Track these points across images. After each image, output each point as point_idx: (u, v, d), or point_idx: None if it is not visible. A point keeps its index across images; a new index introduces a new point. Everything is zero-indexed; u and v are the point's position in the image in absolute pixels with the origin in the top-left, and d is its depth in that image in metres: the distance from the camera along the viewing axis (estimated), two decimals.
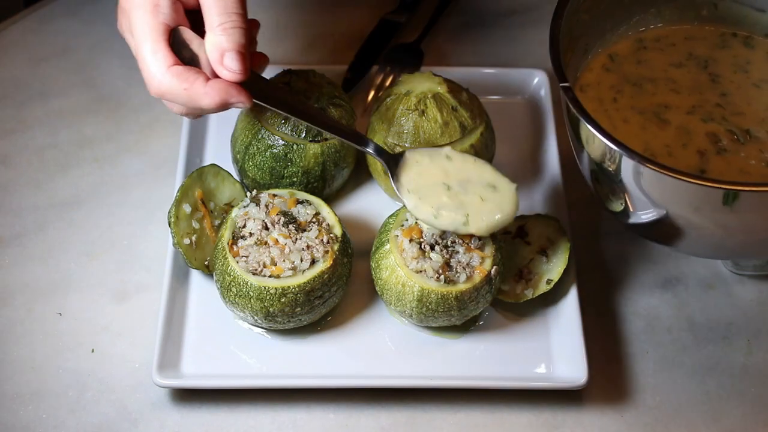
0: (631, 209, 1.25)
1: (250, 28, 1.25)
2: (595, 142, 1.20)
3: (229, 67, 1.22)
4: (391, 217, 1.36)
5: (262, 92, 1.28)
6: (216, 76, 1.23)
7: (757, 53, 1.37)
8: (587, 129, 1.19)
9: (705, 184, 1.14)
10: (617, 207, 1.27)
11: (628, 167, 1.19)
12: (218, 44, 1.22)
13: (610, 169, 1.21)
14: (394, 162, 1.32)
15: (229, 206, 1.41)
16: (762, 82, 1.34)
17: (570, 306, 1.35)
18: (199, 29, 1.25)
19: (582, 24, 1.33)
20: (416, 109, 1.39)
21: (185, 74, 1.22)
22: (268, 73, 1.46)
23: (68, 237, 1.45)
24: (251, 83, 1.25)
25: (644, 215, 1.24)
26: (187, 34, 1.24)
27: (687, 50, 1.37)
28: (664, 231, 1.25)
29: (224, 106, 1.23)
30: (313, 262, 1.31)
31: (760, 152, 1.26)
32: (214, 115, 1.54)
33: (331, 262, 1.31)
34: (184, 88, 1.21)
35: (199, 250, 1.37)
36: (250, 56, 1.26)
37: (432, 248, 1.31)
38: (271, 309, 1.29)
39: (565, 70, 1.23)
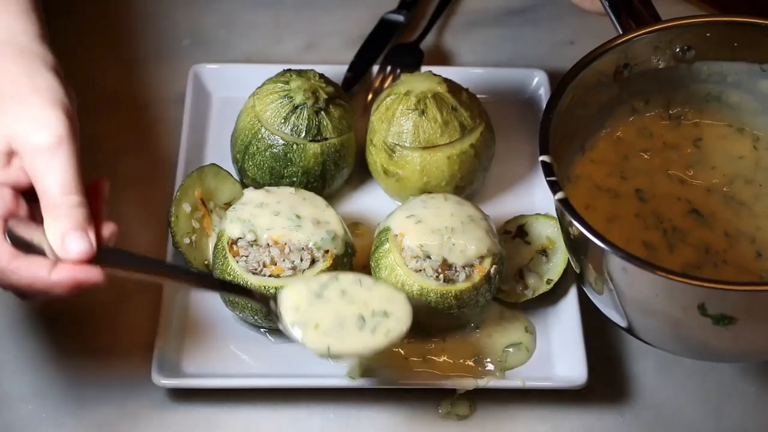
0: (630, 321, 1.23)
1: (96, 197, 1.16)
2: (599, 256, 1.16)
3: (72, 249, 1.11)
4: None
5: (115, 260, 1.16)
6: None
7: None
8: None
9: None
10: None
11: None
12: (59, 229, 1.12)
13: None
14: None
15: (229, 206, 1.41)
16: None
17: (570, 306, 1.35)
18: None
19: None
20: (416, 109, 1.39)
21: (27, 267, 1.11)
22: (269, 72, 1.47)
23: None
24: (103, 256, 1.14)
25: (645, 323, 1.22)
26: (21, 224, 1.14)
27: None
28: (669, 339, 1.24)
29: (77, 290, 1.13)
30: (313, 261, 1.31)
31: None
32: (214, 114, 1.55)
33: (331, 262, 1.31)
34: (29, 283, 1.11)
35: (199, 250, 1.37)
36: (96, 226, 1.15)
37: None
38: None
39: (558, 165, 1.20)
